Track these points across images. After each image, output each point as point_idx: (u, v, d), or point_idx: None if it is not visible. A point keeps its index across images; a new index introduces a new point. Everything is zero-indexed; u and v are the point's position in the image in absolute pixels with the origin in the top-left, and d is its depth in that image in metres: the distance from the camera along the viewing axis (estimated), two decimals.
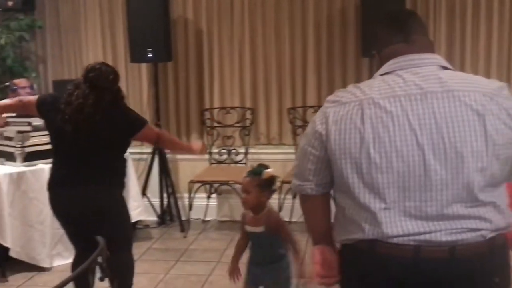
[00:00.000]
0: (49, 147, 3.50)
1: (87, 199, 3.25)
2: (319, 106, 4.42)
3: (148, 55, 5.21)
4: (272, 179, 3.14)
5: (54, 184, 3.33)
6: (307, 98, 5.62)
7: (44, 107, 3.33)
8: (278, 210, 5.01)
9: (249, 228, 3.18)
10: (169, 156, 5.61)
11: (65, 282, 1.88)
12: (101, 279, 2.15)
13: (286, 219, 4.96)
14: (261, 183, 3.12)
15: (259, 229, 3.14)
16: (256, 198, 3.11)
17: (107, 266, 2.12)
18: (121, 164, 3.39)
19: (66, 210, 3.31)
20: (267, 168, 3.16)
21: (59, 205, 3.33)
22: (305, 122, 5.37)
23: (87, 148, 3.21)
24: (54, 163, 3.36)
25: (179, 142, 4.06)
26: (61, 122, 3.20)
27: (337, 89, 2.11)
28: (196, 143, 3.80)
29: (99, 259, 2.11)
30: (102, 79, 3.21)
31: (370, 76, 2.65)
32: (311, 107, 5.55)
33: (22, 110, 3.57)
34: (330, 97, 2.00)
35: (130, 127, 3.31)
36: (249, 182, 3.13)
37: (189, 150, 3.72)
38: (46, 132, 3.52)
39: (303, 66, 5.58)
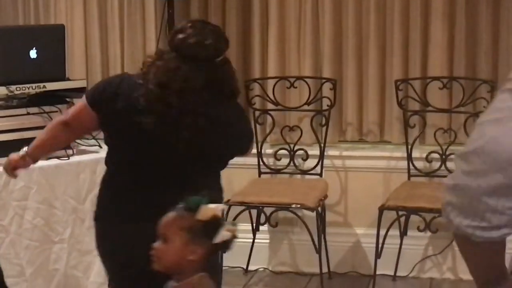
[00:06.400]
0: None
1: None
2: (455, 79, 4.26)
3: None
4: (215, 223, 2.53)
5: (111, 215, 3.00)
6: (430, 63, 4.62)
7: (103, 103, 2.93)
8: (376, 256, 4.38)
9: None
10: None
11: None
12: None
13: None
14: (192, 226, 2.56)
15: None
16: (179, 251, 2.55)
17: None
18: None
19: (124, 258, 2.94)
20: (212, 202, 2.53)
21: (114, 249, 2.97)
22: (426, 105, 4.56)
23: (185, 164, 2.91)
24: (110, 181, 3.04)
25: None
26: (137, 117, 2.82)
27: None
28: None
29: None
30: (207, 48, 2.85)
31: None
32: (437, 78, 4.53)
33: (72, 137, 3.22)
34: None
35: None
36: (170, 222, 2.58)
37: None
38: None
39: (423, 8, 4.58)
